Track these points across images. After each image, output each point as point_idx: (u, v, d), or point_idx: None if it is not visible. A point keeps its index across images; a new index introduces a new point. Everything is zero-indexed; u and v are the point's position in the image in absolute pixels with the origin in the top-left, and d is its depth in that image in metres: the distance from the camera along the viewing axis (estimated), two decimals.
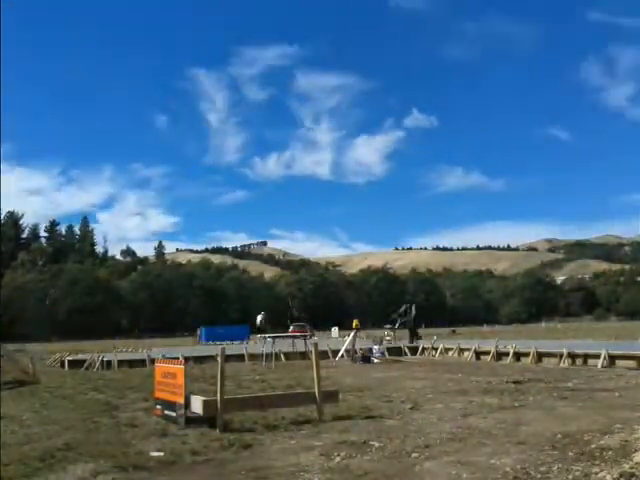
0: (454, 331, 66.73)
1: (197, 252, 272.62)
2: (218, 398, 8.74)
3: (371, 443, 7.46)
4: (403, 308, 35.12)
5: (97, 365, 23.44)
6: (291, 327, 55.89)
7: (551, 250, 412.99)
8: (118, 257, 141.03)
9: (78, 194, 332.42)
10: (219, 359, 9.39)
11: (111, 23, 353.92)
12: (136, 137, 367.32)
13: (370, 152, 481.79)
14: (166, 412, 9.45)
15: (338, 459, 6.69)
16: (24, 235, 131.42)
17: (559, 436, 7.55)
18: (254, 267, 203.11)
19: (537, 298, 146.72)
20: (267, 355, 22.06)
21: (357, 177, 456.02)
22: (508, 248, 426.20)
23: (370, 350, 25.14)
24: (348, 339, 27.01)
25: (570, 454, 6.56)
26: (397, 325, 35.25)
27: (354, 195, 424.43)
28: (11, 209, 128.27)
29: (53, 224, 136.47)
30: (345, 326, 57.03)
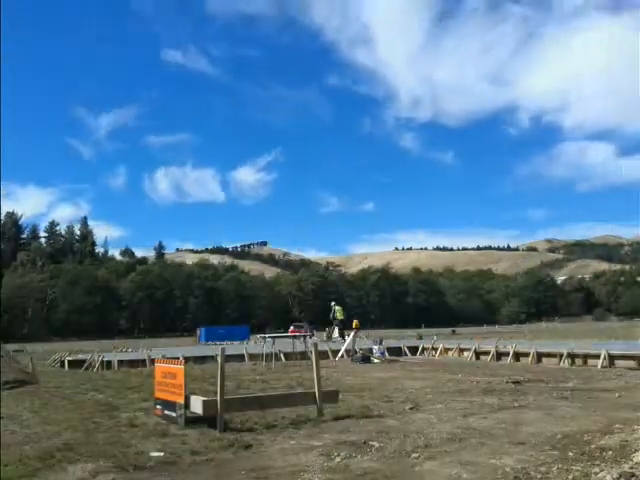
0: (454, 331, 66.88)
1: (197, 252, 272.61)
2: (218, 398, 8.73)
3: (371, 443, 7.46)
4: None
5: (97, 365, 23.41)
6: (291, 327, 56.13)
7: (551, 250, 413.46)
8: (118, 257, 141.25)
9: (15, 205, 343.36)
10: (219, 359, 9.39)
11: None
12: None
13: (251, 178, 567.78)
14: (166, 412, 9.45)
15: (338, 459, 6.69)
16: (24, 235, 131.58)
17: (559, 436, 7.55)
18: (254, 267, 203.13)
19: (537, 298, 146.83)
20: (267, 355, 22.06)
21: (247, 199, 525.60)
22: (508, 248, 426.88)
23: (370, 350, 25.14)
24: (348, 339, 27.01)
25: (570, 454, 6.56)
26: None
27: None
28: (10, 209, 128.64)
29: (53, 224, 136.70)
30: (345, 326, 57.00)
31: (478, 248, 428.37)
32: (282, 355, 24.46)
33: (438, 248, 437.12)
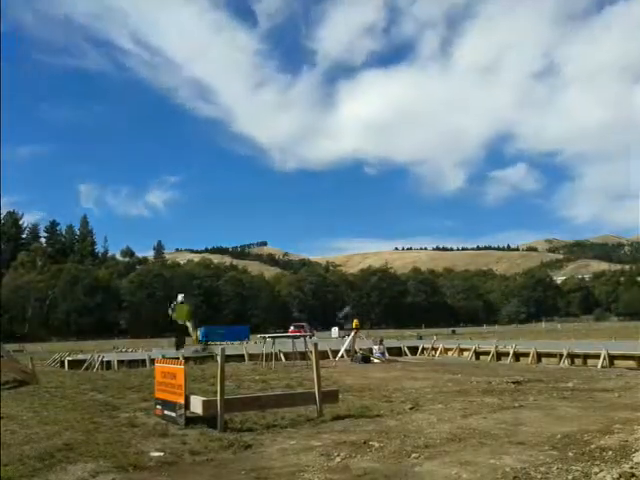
0: (454, 331, 66.94)
1: (197, 252, 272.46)
2: (218, 398, 8.73)
3: (371, 443, 7.46)
4: None
5: (97, 365, 23.43)
6: (291, 327, 56.20)
7: (551, 250, 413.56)
8: (118, 257, 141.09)
9: None
10: (219, 359, 9.40)
11: None
12: None
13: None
14: (166, 412, 9.45)
15: (338, 459, 6.69)
16: (24, 235, 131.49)
17: (559, 436, 7.55)
18: (254, 267, 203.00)
19: (537, 298, 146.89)
20: (267, 355, 22.06)
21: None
22: (508, 248, 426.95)
23: (370, 350, 25.14)
24: (348, 339, 27.00)
25: (570, 454, 6.56)
26: None
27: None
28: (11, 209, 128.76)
29: (53, 224, 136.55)
30: (345, 326, 57.09)
31: (478, 248, 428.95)
32: (282, 355, 24.47)
33: (438, 248, 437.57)
